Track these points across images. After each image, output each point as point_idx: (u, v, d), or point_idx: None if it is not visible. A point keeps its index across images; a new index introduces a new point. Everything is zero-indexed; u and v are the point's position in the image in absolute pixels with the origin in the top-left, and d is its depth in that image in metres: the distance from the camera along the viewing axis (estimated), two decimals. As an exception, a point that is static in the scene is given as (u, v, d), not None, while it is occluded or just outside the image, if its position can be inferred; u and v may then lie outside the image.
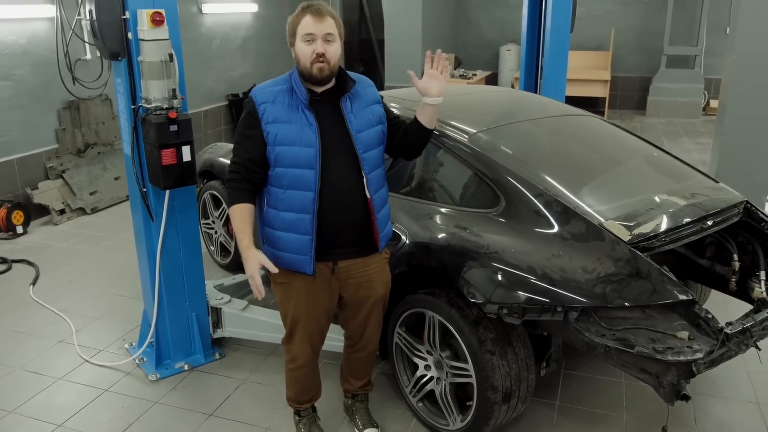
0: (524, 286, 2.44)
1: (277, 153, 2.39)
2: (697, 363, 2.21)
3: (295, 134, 2.39)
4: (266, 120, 2.40)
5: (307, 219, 2.41)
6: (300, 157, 2.39)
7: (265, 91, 2.45)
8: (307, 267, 2.47)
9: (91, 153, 6.34)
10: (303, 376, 2.78)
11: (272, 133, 2.39)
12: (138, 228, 3.38)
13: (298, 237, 2.44)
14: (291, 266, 2.50)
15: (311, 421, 2.91)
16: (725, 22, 10.09)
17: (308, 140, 2.38)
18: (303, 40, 2.36)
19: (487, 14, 11.68)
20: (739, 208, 2.92)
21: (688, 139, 8.91)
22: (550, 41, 4.77)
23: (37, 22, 5.75)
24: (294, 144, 2.39)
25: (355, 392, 2.98)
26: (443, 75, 2.50)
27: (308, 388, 2.85)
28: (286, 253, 2.49)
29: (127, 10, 2.92)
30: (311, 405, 2.92)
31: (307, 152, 2.38)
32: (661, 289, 2.36)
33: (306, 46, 2.36)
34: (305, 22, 2.36)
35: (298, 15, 2.39)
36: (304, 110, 2.40)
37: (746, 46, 5.15)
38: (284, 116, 2.40)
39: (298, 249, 2.46)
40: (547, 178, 2.79)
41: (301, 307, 2.59)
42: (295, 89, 2.42)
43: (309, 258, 2.46)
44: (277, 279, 2.56)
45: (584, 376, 3.39)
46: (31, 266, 4.86)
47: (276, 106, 2.41)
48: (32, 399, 3.26)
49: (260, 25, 9.10)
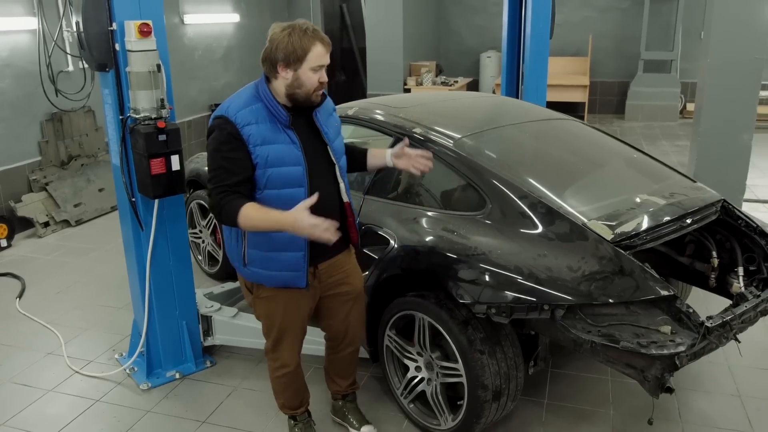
0: (512, 285, 2.50)
1: (269, 175, 2.37)
2: (680, 356, 2.28)
3: (283, 154, 2.38)
4: (254, 143, 2.34)
5: (300, 237, 2.37)
6: (291, 177, 2.40)
7: (244, 112, 2.36)
8: (300, 282, 2.51)
9: (75, 165, 6.32)
10: (293, 380, 2.81)
11: (262, 156, 2.35)
12: (127, 238, 3.39)
13: (292, 255, 2.46)
14: (284, 284, 2.52)
15: (307, 425, 2.93)
16: (700, 27, 10.29)
17: (295, 158, 2.40)
18: (312, 69, 2.33)
19: (467, 22, 11.81)
20: (717, 207, 3.01)
21: (667, 142, 9.07)
22: (530, 47, 4.86)
23: (19, 35, 5.74)
24: (284, 164, 2.38)
25: (344, 392, 3.02)
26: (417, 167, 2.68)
27: (298, 391, 2.88)
28: (278, 272, 2.50)
29: (114, 22, 2.95)
30: (305, 409, 2.95)
31: (296, 171, 2.40)
32: (644, 285, 2.43)
33: (313, 74, 2.34)
34: (318, 52, 2.32)
35: (308, 40, 2.31)
36: (284, 129, 2.40)
37: (720, 50, 5.28)
38: (270, 137, 2.37)
39: (292, 266, 2.48)
40: (531, 180, 2.86)
41: (289, 317, 2.62)
42: (270, 109, 2.38)
43: (302, 273, 2.50)
44: (261, 294, 2.59)
45: (571, 374, 3.45)
46: (16, 279, 4.83)
47: (260, 127, 2.36)
48: (23, 411, 3.25)
49: (242, 35, 9.14)
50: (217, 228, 4.50)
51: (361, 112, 3.55)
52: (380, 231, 3.02)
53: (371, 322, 3.11)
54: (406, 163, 2.68)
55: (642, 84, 10.58)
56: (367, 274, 3.05)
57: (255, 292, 2.61)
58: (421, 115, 3.37)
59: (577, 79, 10.41)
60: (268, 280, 2.53)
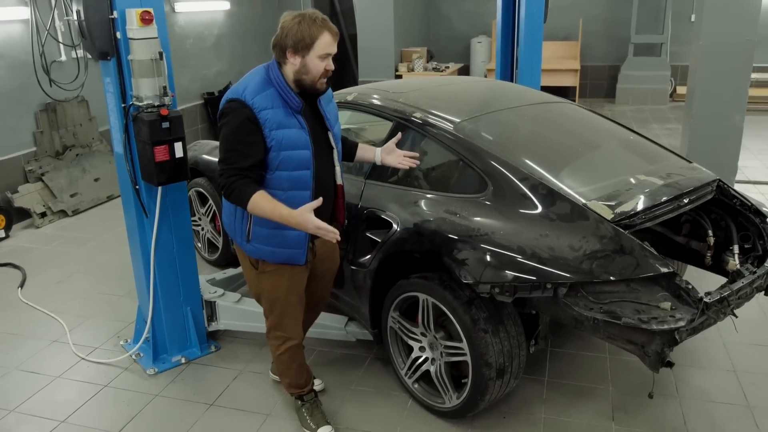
0: (515, 265, 2.55)
1: (282, 158, 2.48)
2: (680, 331, 2.34)
3: (296, 138, 2.50)
4: (269, 127, 2.44)
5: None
6: (301, 160, 2.52)
7: (261, 97, 2.44)
8: (301, 259, 2.65)
9: (70, 155, 6.31)
10: (295, 355, 2.89)
11: (277, 140, 2.45)
12: (131, 225, 3.41)
13: (295, 233, 2.57)
14: (285, 260, 2.65)
15: (314, 405, 2.99)
16: (689, 11, 10.38)
17: (304, 143, 2.51)
18: (319, 57, 2.43)
19: (457, 7, 11.81)
20: (712, 186, 3.08)
21: (657, 125, 9.15)
22: (524, 32, 4.89)
23: (12, 25, 5.71)
24: (297, 148, 2.50)
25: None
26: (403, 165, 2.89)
27: (302, 368, 2.96)
28: (282, 249, 2.63)
29: (114, 10, 2.96)
30: (311, 388, 3.02)
31: (305, 154, 2.52)
32: (644, 263, 2.49)
33: (320, 62, 2.45)
34: (326, 41, 2.43)
35: (317, 28, 2.41)
36: (295, 115, 2.50)
37: (712, 33, 5.34)
38: (285, 121, 2.47)
39: (294, 244, 2.62)
40: (532, 162, 2.91)
41: (292, 290, 2.76)
42: (283, 95, 2.47)
43: (303, 251, 2.64)
44: (266, 269, 2.69)
45: (570, 353, 3.53)
46: (17, 269, 4.84)
47: (276, 112, 2.46)
48: (32, 398, 3.29)
49: (233, 23, 9.10)
50: (216, 215, 4.53)
51: (360, 97, 3.58)
52: (383, 215, 3.06)
53: (375, 305, 3.17)
54: (393, 160, 2.88)
55: (632, 68, 10.65)
56: (370, 257, 3.10)
57: (260, 267, 2.71)
58: (421, 99, 3.40)
59: (568, 63, 10.46)
60: (270, 256, 2.65)
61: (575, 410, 3.06)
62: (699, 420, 2.98)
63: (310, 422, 2.94)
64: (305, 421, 2.96)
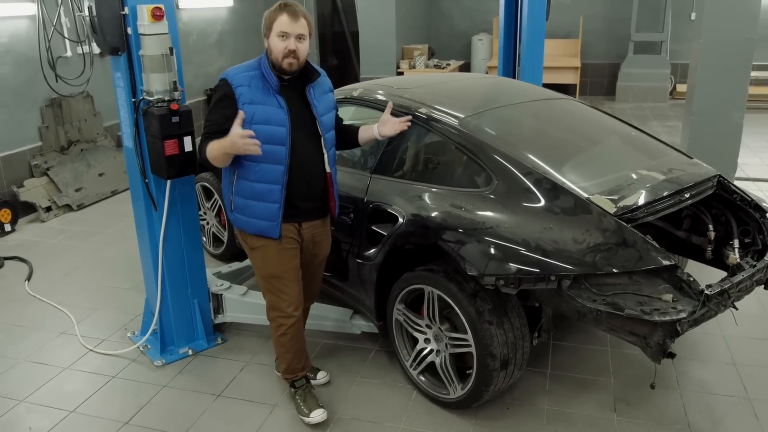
0: (519, 258, 2.60)
1: (255, 130, 2.63)
2: (682, 322, 2.40)
3: (269, 114, 2.70)
4: (243, 101, 2.67)
5: (277, 189, 2.75)
6: (274, 135, 2.69)
7: (240, 76, 2.71)
8: (274, 232, 2.81)
9: (75, 150, 6.35)
10: (294, 336, 2.96)
11: (249, 113, 2.66)
12: (140, 218, 3.46)
13: (268, 205, 2.77)
14: (260, 232, 2.83)
15: (306, 391, 3.06)
16: (689, 9, 10.43)
17: (280, 120, 2.70)
18: (278, 36, 2.66)
19: (458, 4, 11.85)
20: (713, 182, 3.13)
21: (657, 123, 9.20)
22: (526, 29, 4.94)
23: (19, 20, 5.74)
24: (269, 123, 2.69)
25: None
26: (396, 129, 2.95)
27: (300, 350, 3.03)
28: (255, 219, 2.82)
29: (126, 6, 3.01)
30: (305, 374, 3.08)
31: (280, 131, 2.70)
32: (646, 255, 2.54)
33: (280, 42, 2.66)
34: (281, 20, 2.65)
35: (275, 12, 2.67)
36: (275, 94, 2.72)
37: (712, 31, 5.39)
38: (259, 98, 2.70)
39: (267, 216, 2.79)
40: (535, 157, 2.95)
41: (281, 264, 2.88)
42: (265, 75, 2.71)
43: (276, 224, 2.80)
44: (253, 245, 2.87)
45: (572, 346, 3.58)
46: (23, 262, 4.89)
47: (252, 89, 2.69)
48: (41, 388, 3.33)
49: (236, 20, 9.14)
50: (221, 209, 4.58)
51: (366, 93, 3.63)
52: (388, 208, 3.11)
53: (380, 297, 3.22)
54: (390, 129, 2.96)
55: (632, 65, 10.70)
56: (375, 251, 3.15)
57: (248, 242, 2.90)
58: (426, 95, 3.45)
59: (569, 60, 10.50)
60: (247, 226, 2.85)
61: (578, 402, 3.11)
62: (699, 411, 3.03)
63: (304, 408, 3.00)
64: (299, 406, 3.02)
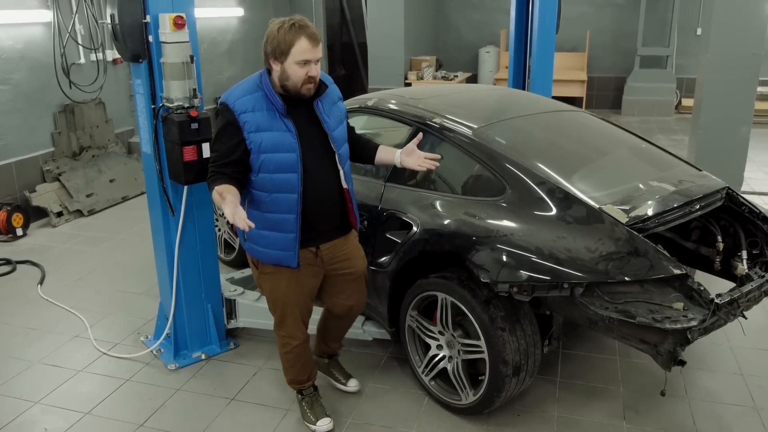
0: (533, 265, 2.64)
1: (262, 160, 2.55)
2: (692, 330, 2.43)
3: (277, 141, 2.54)
4: (248, 129, 2.52)
5: (291, 219, 2.61)
6: (284, 163, 2.56)
7: (242, 101, 2.54)
8: (291, 261, 2.69)
9: (86, 156, 6.43)
10: (299, 355, 2.97)
11: (256, 142, 2.53)
12: (156, 223, 3.51)
13: (283, 235, 2.64)
14: (277, 262, 2.71)
15: (313, 399, 3.08)
16: (695, 24, 10.52)
17: (290, 146, 2.55)
18: (297, 63, 2.46)
19: (466, 17, 11.95)
20: (722, 194, 3.17)
21: (663, 136, 9.25)
22: (537, 42, 5.01)
23: (34, 27, 5.84)
24: (277, 151, 2.55)
25: (332, 352, 3.28)
26: (423, 166, 2.81)
27: (305, 366, 3.04)
28: (271, 250, 2.69)
29: (147, 14, 3.08)
30: (311, 383, 3.10)
31: (290, 157, 2.56)
32: (657, 264, 2.58)
33: (300, 69, 2.48)
34: (302, 47, 2.44)
35: (292, 34, 2.43)
36: (281, 118, 2.56)
37: (720, 46, 5.45)
38: (265, 124, 2.53)
39: (283, 246, 2.66)
40: (548, 168, 3.00)
41: (291, 293, 2.79)
42: (269, 98, 2.54)
43: (294, 254, 2.68)
44: (265, 270, 2.78)
45: (581, 355, 3.61)
46: (35, 267, 4.94)
47: (256, 115, 2.53)
48: (56, 390, 3.37)
49: (246, 29, 9.24)
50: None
51: (380, 103, 3.69)
52: (403, 216, 3.16)
53: (393, 304, 3.26)
54: (414, 162, 2.81)
55: (638, 79, 10.77)
56: (389, 258, 3.20)
57: (260, 268, 2.80)
58: (440, 105, 3.51)
59: (575, 74, 10.58)
60: (262, 256, 2.73)
61: (587, 409, 3.15)
62: (707, 420, 3.06)
63: (310, 415, 3.02)
64: (305, 413, 3.05)
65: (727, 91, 5.52)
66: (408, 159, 2.83)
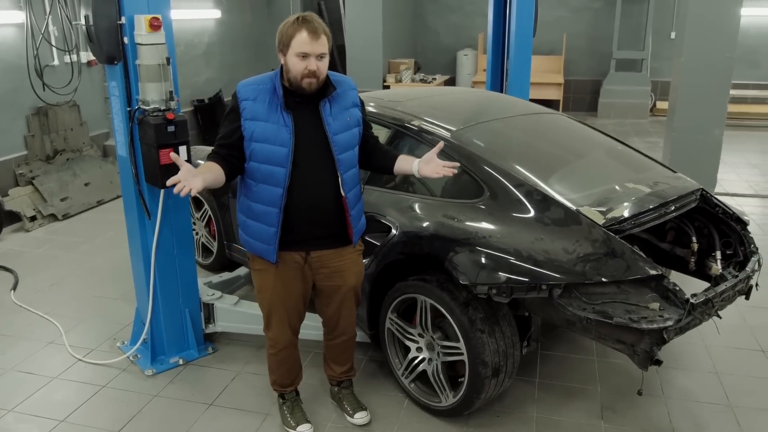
0: (511, 267, 2.66)
1: (252, 149, 2.58)
2: (668, 330, 2.47)
3: (270, 133, 2.56)
4: (245, 116, 2.57)
5: (274, 212, 2.61)
6: (273, 155, 2.56)
7: (248, 88, 2.60)
8: (270, 256, 2.69)
9: (60, 159, 6.33)
10: (284, 358, 2.95)
11: (249, 130, 2.57)
12: (132, 227, 3.47)
13: (265, 227, 2.66)
14: (258, 253, 2.74)
15: (294, 404, 3.06)
16: (669, 28, 10.69)
17: (282, 140, 2.55)
18: (296, 56, 2.47)
19: (444, 20, 12.00)
20: (696, 195, 3.22)
21: (638, 139, 9.37)
22: (514, 45, 5.05)
23: (6, 28, 5.74)
24: (268, 142, 2.56)
25: (339, 379, 3.14)
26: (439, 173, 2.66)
27: (290, 371, 3.02)
28: (254, 240, 2.74)
29: (123, 16, 3.04)
30: (294, 388, 3.08)
31: (280, 151, 2.55)
32: (634, 265, 2.62)
33: (299, 62, 2.48)
34: (301, 39, 2.45)
35: (293, 27, 2.47)
36: (281, 111, 2.56)
37: (693, 50, 5.55)
38: (262, 115, 2.56)
39: (264, 238, 2.68)
40: (526, 170, 3.02)
41: (276, 293, 2.78)
42: (275, 90, 2.58)
43: (273, 248, 2.67)
44: (255, 266, 2.80)
45: (559, 356, 3.64)
46: (8, 272, 4.85)
47: (256, 104, 2.57)
48: (30, 398, 3.31)
49: (223, 31, 9.17)
50: (211, 219, 4.59)
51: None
52: (382, 219, 3.15)
53: (372, 307, 3.26)
54: (432, 170, 2.67)
55: (614, 82, 10.91)
56: (368, 261, 3.19)
57: (251, 263, 2.82)
58: (418, 108, 3.52)
59: (552, 77, 10.67)
60: (247, 246, 2.79)
61: (566, 409, 3.17)
62: (683, 419, 3.10)
63: (291, 420, 3.00)
64: (285, 418, 3.02)
65: (700, 94, 5.62)
66: (426, 167, 2.68)
